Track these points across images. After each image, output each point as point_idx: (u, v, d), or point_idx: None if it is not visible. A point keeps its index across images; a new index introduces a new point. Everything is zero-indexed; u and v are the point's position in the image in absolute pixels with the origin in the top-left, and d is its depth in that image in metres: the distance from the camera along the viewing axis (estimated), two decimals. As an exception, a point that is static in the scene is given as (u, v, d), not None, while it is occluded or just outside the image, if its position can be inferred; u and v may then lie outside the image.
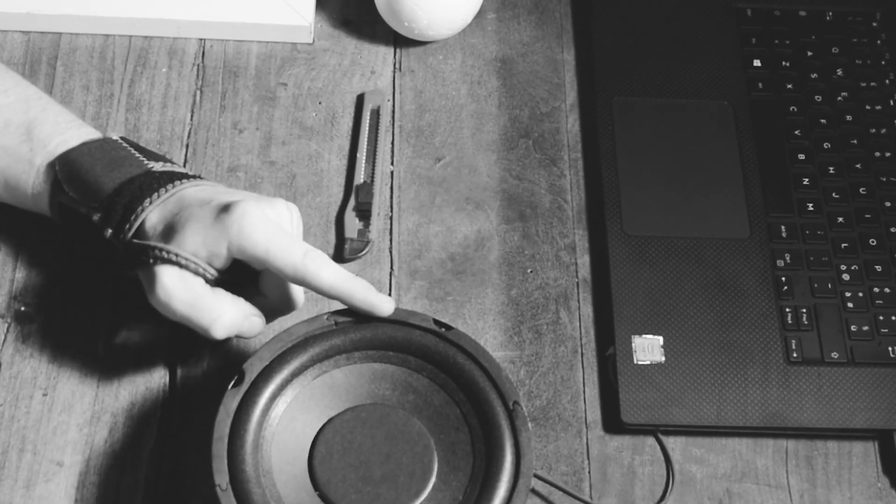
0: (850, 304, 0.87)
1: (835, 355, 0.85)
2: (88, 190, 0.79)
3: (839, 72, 0.99)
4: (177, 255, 0.75)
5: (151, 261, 0.75)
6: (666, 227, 0.90)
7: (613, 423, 0.83)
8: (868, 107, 0.97)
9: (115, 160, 0.80)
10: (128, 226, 0.77)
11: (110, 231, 0.78)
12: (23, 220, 0.87)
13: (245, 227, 0.74)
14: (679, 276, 0.88)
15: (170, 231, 0.76)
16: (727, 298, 0.87)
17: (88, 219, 0.79)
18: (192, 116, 0.94)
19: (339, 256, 0.88)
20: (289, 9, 0.98)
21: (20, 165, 0.81)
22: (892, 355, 0.85)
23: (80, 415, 0.81)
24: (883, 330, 0.86)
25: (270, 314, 0.79)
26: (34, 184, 0.81)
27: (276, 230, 0.75)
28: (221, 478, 0.71)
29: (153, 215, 0.77)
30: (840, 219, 0.91)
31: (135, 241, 0.77)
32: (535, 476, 0.76)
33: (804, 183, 0.93)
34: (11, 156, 0.81)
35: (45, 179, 0.80)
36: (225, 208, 0.75)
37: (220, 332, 0.75)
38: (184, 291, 0.75)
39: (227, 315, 0.75)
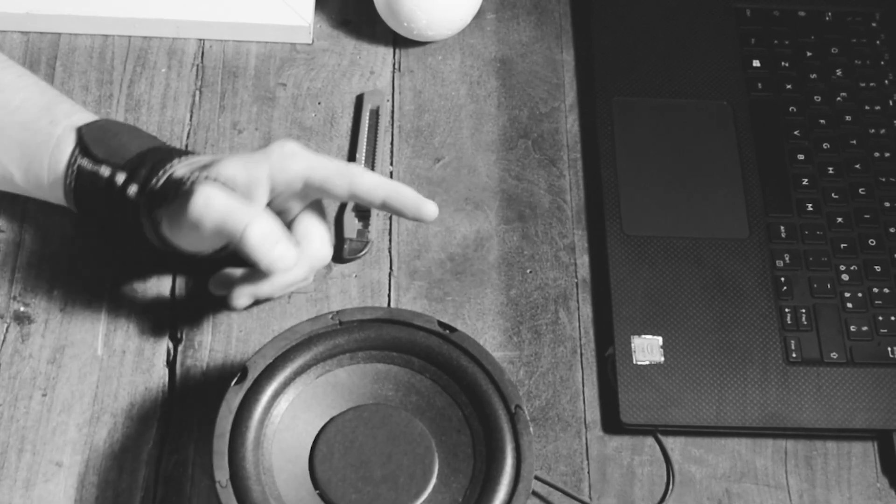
0: (849, 305, 0.87)
1: (834, 355, 0.85)
2: (115, 152, 0.79)
3: (838, 72, 0.99)
4: (217, 176, 0.75)
5: (189, 184, 0.75)
6: (665, 227, 0.90)
7: (613, 423, 0.83)
8: (867, 107, 0.97)
9: (140, 134, 0.81)
10: (155, 179, 0.77)
11: (135, 187, 0.78)
12: (23, 219, 0.87)
13: (286, 151, 0.76)
14: (678, 277, 0.88)
15: (205, 167, 0.76)
16: (726, 299, 0.87)
17: (107, 184, 0.78)
18: (191, 117, 0.94)
19: (339, 256, 0.88)
20: (288, 9, 0.98)
21: (39, 136, 0.80)
22: (891, 356, 0.85)
23: (79, 415, 0.81)
24: (882, 330, 0.86)
25: (303, 268, 0.79)
26: (52, 153, 0.80)
27: (315, 154, 0.77)
28: (222, 474, 0.71)
29: (182, 168, 0.77)
30: (839, 219, 0.91)
31: (164, 181, 0.77)
32: (535, 478, 0.76)
33: (803, 183, 0.93)
34: (29, 129, 0.81)
35: (66, 145, 0.80)
36: (263, 147, 0.78)
37: (255, 233, 0.73)
38: (222, 199, 0.74)
39: (265, 221, 0.74)
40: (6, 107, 0.81)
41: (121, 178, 0.78)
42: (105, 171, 0.79)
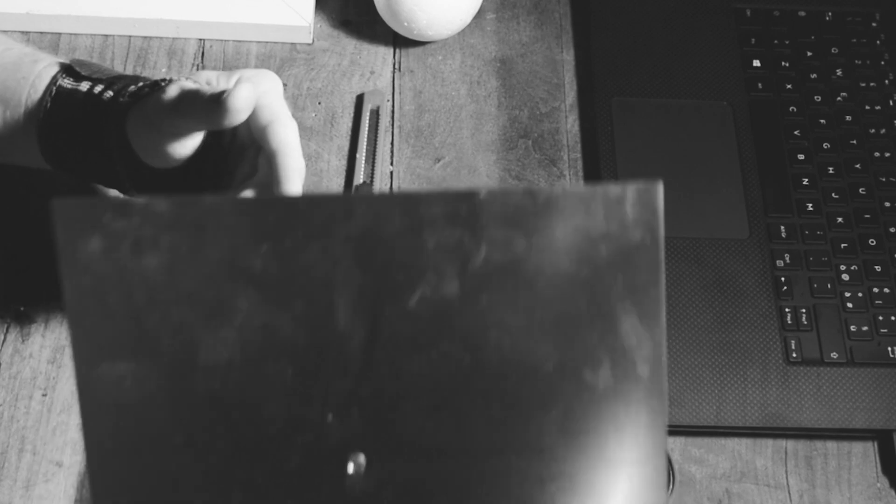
0: (849, 305, 0.87)
1: (834, 355, 0.85)
2: (99, 72, 0.79)
3: (838, 72, 0.99)
4: (195, 77, 0.74)
5: (163, 83, 0.74)
6: (665, 227, 0.90)
7: (613, 423, 0.83)
8: (867, 107, 0.97)
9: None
10: (133, 87, 0.76)
11: (110, 93, 0.76)
12: (23, 219, 0.87)
13: (262, 70, 0.75)
14: (678, 277, 0.88)
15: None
16: (726, 299, 0.87)
17: (84, 98, 0.77)
18: (191, 117, 0.94)
19: (339, 257, 0.88)
20: (288, 9, 0.98)
21: (20, 73, 0.79)
22: (891, 355, 0.85)
23: (79, 415, 0.81)
24: (882, 330, 0.86)
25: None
26: (34, 83, 0.79)
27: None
28: None
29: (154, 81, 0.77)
30: (839, 219, 0.91)
31: (140, 86, 0.76)
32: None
33: (803, 183, 0.93)
34: (8, 69, 0.79)
35: (48, 74, 0.79)
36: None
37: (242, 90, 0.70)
38: (194, 85, 0.73)
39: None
40: None
41: (98, 88, 0.77)
42: (85, 85, 0.77)
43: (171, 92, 0.72)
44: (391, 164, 0.93)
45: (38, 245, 0.87)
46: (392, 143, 0.94)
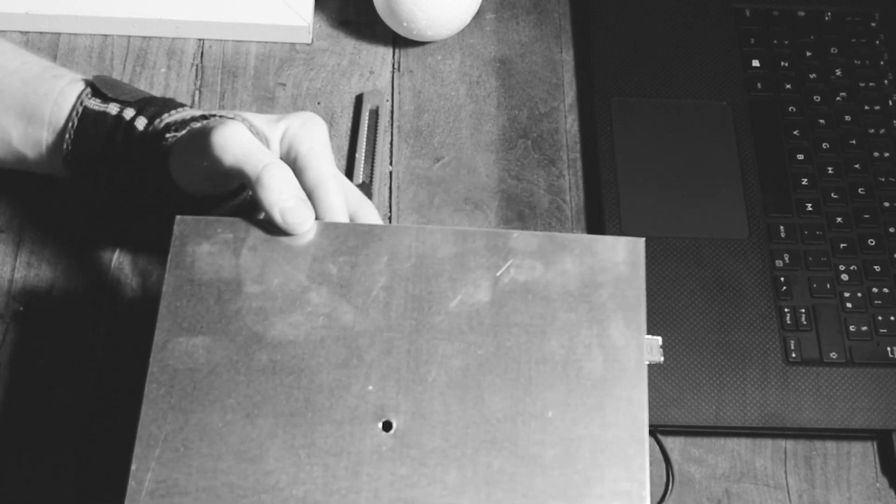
0: (848, 305, 0.87)
1: (833, 355, 0.85)
2: (125, 93, 0.79)
3: (838, 72, 0.99)
4: (244, 118, 0.74)
5: (216, 117, 0.74)
6: (665, 227, 0.90)
7: (612, 423, 0.83)
8: (867, 107, 0.97)
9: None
10: (167, 114, 0.77)
11: (144, 120, 0.77)
12: (23, 219, 0.87)
13: (308, 117, 0.76)
14: (678, 277, 0.88)
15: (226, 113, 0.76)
16: (726, 299, 0.87)
17: (114, 122, 0.78)
18: (190, 117, 0.94)
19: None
20: (287, 9, 0.98)
21: (42, 89, 0.80)
22: (890, 355, 0.85)
23: (79, 415, 0.81)
24: (882, 330, 0.86)
25: None
26: (56, 100, 0.80)
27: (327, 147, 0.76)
28: None
29: (196, 111, 0.77)
30: (839, 219, 0.91)
31: (180, 117, 0.77)
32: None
33: (803, 183, 0.93)
34: (30, 84, 0.80)
35: (72, 93, 0.80)
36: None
37: (275, 174, 0.71)
38: (249, 135, 0.72)
39: (285, 167, 0.72)
40: (5, 68, 0.81)
41: (129, 113, 0.78)
42: (113, 108, 0.79)
43: (227, 148, 0.72)
44: (390, 164, 0.93)
45: (37, 245, 0.87)
46: (391, 143, 0.94)
